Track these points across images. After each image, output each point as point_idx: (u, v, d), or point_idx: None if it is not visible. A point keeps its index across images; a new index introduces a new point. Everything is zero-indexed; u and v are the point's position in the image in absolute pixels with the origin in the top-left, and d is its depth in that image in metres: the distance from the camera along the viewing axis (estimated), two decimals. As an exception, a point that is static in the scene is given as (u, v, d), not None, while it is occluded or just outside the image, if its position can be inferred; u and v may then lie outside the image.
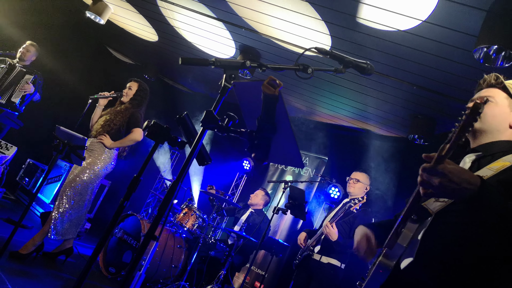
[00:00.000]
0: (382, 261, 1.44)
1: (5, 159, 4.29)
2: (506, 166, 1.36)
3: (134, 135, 3.92)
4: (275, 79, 1.32)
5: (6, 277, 2.98)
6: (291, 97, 6.06)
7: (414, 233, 1.43)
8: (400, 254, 1.43)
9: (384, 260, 1.44)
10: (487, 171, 1.38)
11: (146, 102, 4.15)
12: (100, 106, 4.04)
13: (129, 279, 1.39)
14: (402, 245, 1.42)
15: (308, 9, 3.61)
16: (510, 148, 1.48)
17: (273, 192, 6.79)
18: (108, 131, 3.83)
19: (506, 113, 1.53)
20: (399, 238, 1.44)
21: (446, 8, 2.85)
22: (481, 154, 1.51)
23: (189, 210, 4.71)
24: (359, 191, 3.85)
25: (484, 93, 1.58)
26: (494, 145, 1.50)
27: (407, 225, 1.47)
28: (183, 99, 8.40)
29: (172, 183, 1.33)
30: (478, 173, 1.37)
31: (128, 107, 4.00)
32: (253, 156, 1.47)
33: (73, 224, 3.73)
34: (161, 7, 4.89)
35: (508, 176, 1.32)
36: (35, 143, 6.86)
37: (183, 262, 4.53)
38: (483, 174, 1.35)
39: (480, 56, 2.81)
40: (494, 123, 1.51)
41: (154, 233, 1.36)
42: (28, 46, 5.21)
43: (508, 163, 1.37)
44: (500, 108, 1.53)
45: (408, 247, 1.42)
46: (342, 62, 1.52)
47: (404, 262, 1.41)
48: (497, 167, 1.38)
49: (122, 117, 3.91)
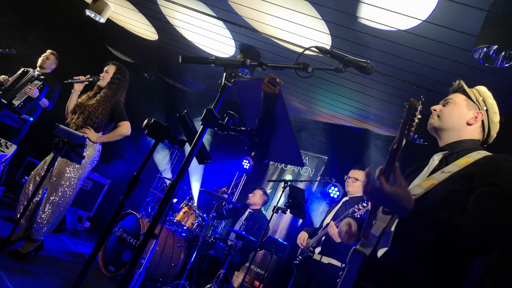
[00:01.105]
0: (357, 248, 1.61)
1: (5, 158, 4.29)
2: (470, 162, 1.54)
3: (122, 129, 3.74)
4: (275, 77, 1.32)
5: (5, 275, 2.98)
6: (291, 96, 6.06)
7: (387, 224, 1.57)
8: (374, 243, 1.57)
9: (359, 248, 1.61)
10: (453, 167, 1.56)
11: (125, 87, 3.92)
12: (76, 92, 3.81)
13: (129, 278, 1.39)
14: (376, 235, 1.57)
15: (308, 8, 3.61)
16: (474, 146, 1.67)
17: (273, 191, 6.80)
18: (90, 125, 3.63)
19: (464, 112, 1.73)
20: (372, 229, 1.60)
21: (446, 8, 2.85)
22: (448, 153, 1.69)
23: (188, 209, 4.71)
24: (358, 189, 3.83)
25: (447, 98, 1.80)
26: (459, 144, 1.70)
27: (381, 216, 1.62)
28: (183, 98, 8.40)
29: (171, 181, 1.33)
30: (446, 169, 1.57)
31: (108, 95, 3.75)
32: (253, 154, 1.47)
33: (57, 221, 3.60)
34: (161, 5, 4.89)
35: (468, 171, 1.51)
36: (35, 141, 6.86)
37: (183, 261, 4.53)
38: (450, 170, 1.55)
39: (480, 56, 2.81)
40: (451, 121, 1.71)
41: (153, 232, 1.36)
42: (48, 54, 5.25)
43: (472, 159, 1.56)
44: (458, 107, 1.74)
45: (382, 237, 1.56)
46: (342, 61, 1.53)
47: (380, 251, 1.53)
48: (462, 163, 1.56)
49: (103, 109, 3.69)
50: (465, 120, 1.73)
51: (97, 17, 5.33)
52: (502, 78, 3.37)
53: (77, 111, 3.72)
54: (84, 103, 3.74)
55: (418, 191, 1.55)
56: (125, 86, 3.93)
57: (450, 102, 1.77)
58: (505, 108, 3.86)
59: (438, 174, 1.58)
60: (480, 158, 1.55)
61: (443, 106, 1.78)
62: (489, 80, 3.46)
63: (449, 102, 1.77)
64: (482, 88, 1.80)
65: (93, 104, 3.70)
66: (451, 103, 1.76)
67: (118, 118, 3.77)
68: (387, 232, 1.55)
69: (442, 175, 1.56)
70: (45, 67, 5.22)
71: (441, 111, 1.76)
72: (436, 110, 1.79)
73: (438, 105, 1.81)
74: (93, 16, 5.34)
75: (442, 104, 1.80)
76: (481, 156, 1.57)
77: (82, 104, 3.74)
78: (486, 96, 1.77)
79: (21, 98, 4.73)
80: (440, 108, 1.78)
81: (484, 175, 1.46)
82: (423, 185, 1.57)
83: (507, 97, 3.63)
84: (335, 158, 6.32)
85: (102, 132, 3.75)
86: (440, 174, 1.58)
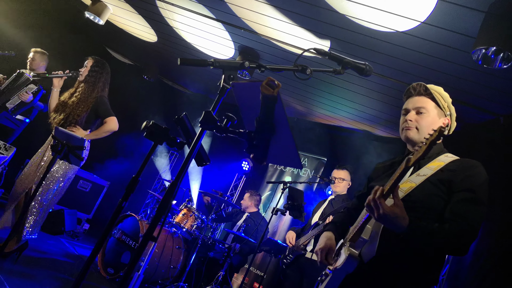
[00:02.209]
0: (351, 254, 1.67)
1: (4, 160, 4.28)
2: (442, 165, 1.71)
3: (109, 125, 3.65)
4: (274, 79, 1.32)
5: (4, 277, 2.97)
6: (290, 98, 6.06)
7: (373, 226, 1.67)
8: (361, 247, 1.67)
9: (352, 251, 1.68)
10: (427, 170, 1.72)
11: (105, 81, 3.81)
12: (56, 88, 3.72)
13: (127, 280, 1.39)
14: (365, 239, 1.66)
15: (306, 10, 3.61)
16: (440, 150, 1.84)
17: (272, 193, 6.79)
18: (72, 123, 3.56)
19: (436, 120, 1.81)
20: (362, 233, 1.69)
21: (445, 9, 2.86)
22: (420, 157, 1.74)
23: (188, 210, 4.71)
24: (344, 188, 4.04)
25: (417, 103, 1.84)
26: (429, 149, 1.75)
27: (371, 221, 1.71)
28: (182, 100, 8.40)
29: (170, 183, 1.33)
30: (421, 172, 1.73)
31: (86, 90, 3.67)
32: (252, 156, 1.47)
33: (42, 220, 3.52)
34: (160, 7, 4.89)
35: (445, 176, 1.67)
36: (34, 143, 6.85)
37: (182, 263, 4.52)
38: (425, 173, 1.71)
39: (478, 57, 2.81)
40: (427, 130, 1.75)
41: (152, 234, 1.36)
42: (32, 55, 5.09)
43: (442, 163, 1.73)
44: (431, 118, 1.81)
45: (369, 239, 1.65)
46: (340, 63, 1.53)
47: (367, 256, 1.63)
48: (434, 167, 1.72)
49: (84, 106, 3.60)
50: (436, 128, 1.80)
51: (96, 19, 5.33)
52: (500, 80, 3.37)
53: (59, 109, 3.63)
54: (66, 101, 3.66)
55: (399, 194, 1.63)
56: (106, 80, 3.81)
57: (423, 112, 1.81)
58: (504, 109, 3.86)
59: (415, 177, 1.72)
60: (451, 162, 1.72)
61: (417, 115, 1.82)
62: (487, 81, 3.47)
63: (422, 113, 1.81)
64: (443, 91, 1.86)
65: (73, 101, 3.61)
66: (425, 113, 1.81)
67: (104, 114, 3.68)
68: (372, 234, 1.66)
69: (419, 178, 1.70)
70: (35, 68, 5.07)
71: (419, 123, 1.80)
72: (412, 121, 1.82)
73: (412, 114, 1.83)
74: (92, 18, 5.34)
75: (416, 112, 1.83)
76: (450, 160, 1.74)
77: (64, 102, 3.66)
78: (449, 101, 1.86)
79: (14, 102, 4.68)
80: (416, 119, 1.82)
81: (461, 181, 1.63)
82: (402, 188, 1.70)
83: (506, 99, 3.64)
84: (334, 159, 6.32)
85: (89, 130, 3.69)
86: (416, 177, 1.72)
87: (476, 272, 3.62)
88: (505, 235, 3.51)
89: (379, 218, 1.51)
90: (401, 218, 1.50)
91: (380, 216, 1.49)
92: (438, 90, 1.85)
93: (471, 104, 3.97)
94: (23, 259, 3.56)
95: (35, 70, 5.07)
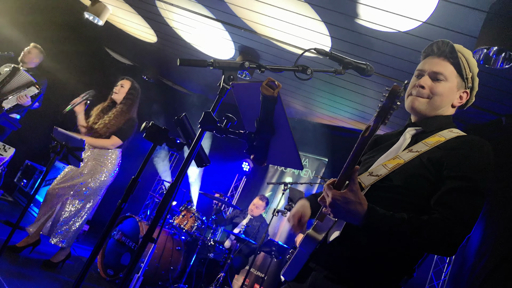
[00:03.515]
0: (310, 233, 1.47)
1: (3, 161, 4.26)
2: (441, 141, 1.39)
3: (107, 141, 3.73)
4: (274, 80, 1.30)
5: (3, 279, 2.95)
6: (290, 99, 6.05)
7: None
8: (329, 227, 1.45)
9: (312, 232, 1.47)
10: (423, 146, 1.41)
11: (137, 102, 4.00)
12: (80, 114, 3.79)
13: (127, 282, 1.37)
14: (332, 219, 1.45)
15: (307, 10, 3.60)
16: (447, 124, 1.50)
17: (273, 193, 6.78)
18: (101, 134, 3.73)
19: (453, 92, 1.50)
20: None
21: (446, 9, 2.85)
22: (421, 129, 1.51)
23: (187, 212, 4.69)
24: None
25: (436, 67, 1.49)
26: (434, 120, 1.51)
27: None
28: (182, 101, 8.38)
29: (170, 184, 1.32)
30: (414, 148, 1.42)
31: (124, 110, 3.83)
32: (252, 157, 1.45)
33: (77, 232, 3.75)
34: (159, 8, 4.88)
35: (436, 155, 1.36)
36: (33, 144, 6.84)
37: (182, 264, 4.51)
38: (418, 149, 1.40)
39: (480, 57, 2.80)
40: (440, 102, 1.49)
41: (152, 235, 1.35)
42: (30, 48, 5.02)
43: (443, 138, 1.41)
44: (449, 88, 1.49)
45: (337, 221, 1.44)
46: (341, 63, 1.51)
47: (332, 236, 1.41)
48: (432, 142, 1.40)
49: (116, 121, 3.75)
50: (451, 101, 1.52)
51: (95, 19, 5.32)
52: (502, 80, 3.36)
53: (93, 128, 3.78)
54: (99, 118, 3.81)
55: (382, 172, 1.41)
56: (137, 102, 4.00)
57: (441, 79, 1.48)
58: (505, 109, 3.85)
59: (405, 153, 1.42)
60: (452, 138, 1.40)
61: (433, 82, 1.49)
62: (489, 81, 3.45)
63: (440, 80, 1.48)
64: (472, 57, 1.52)
65: (109, 117, 3.77)
66: (442, 81, 1.48)
67: (120, 133, 3.76)
68: None
69: (409, 155, 1.41)
70: (27, 62, 4.95)
71: (432, 91, 1.48)
72: (425, 88, 1.49)
73: (427, 79, 1.50)
74: (92, 18, 5.33)
75: (431, 78, 1.49)
76: (453, 135, 1.42)
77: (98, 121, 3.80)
78: (475, 72, 1.52)
79: (12, 102, 4.62)
80: (430, 86, 1.49)
81: (455, 164, 1.32)
82: (388, 165, 1.42)
83: (508, 99, 3.63)
84: (335, 160, 6.31)
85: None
86: (407, 153, 1.42)
87: (478, 273, 3.60)
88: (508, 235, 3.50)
89: (330, 206, 1.27)
90: (356, 203, 1.24)
91: (330, 204, 1.27)
92: (466, 55, 1.50)
93: (472, 105, 3.95)
94: (22, 260, 3.55)
95: (26, 64, 4.96)
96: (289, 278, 1.52)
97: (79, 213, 3.71)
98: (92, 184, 3.71)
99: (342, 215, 1.29)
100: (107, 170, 3.76)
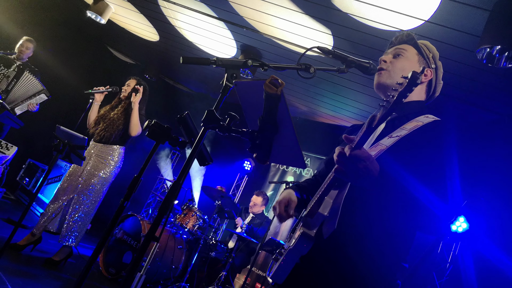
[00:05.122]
0: (304, 232, 1.43)
1: (6, 159, 4.27)
2: (419, 126, 1.44)
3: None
4: (277, 78, 1.30)
5: (5, 277, 2.96)
6: (293, 98, 6.04)
7: (334, 199, 1.43)
8: (321, 222, 1.42)
9: (306, 230, 1.43)
10: (402, 131, 1.44)
11: (144, 101, 4.07)
12: (97, 102, 3.97)
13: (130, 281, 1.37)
14: (324, 214, 1.41)
15: (310, 8, 3.59)
16: (421, 109, 1.56)
17: (274, 193, 6.77)
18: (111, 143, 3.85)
19: (415, 68, 1.55)
20: (320, 207, 1.44)
21: (449, 8, 2.84)
22: (396, 115, 1.54)
23: (189, 210, 4.70)
24: None
25: (397, 48, 1.61)
26: (407, 106, 1.56)
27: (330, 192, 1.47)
28: (184, 99, 8.39)
29: (172, 183, 1.32)
30: (394, 133, 1.45)
31: (129, 108, 3.94)
32: (254, 156, 1.45)
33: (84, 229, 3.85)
34: (162, 6, 4.88)
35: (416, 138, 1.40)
36: (36, 143, 6.85)
37: (184, 263, 4.51)
38: (398, 134, 1.43)
39: (483, 56, 2.79)
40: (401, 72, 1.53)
41: (154, 234, 1.34)
42: (27, 44, 5.01)
43: (420, 123, 1.45)
44: (410, 63, 1.56)
45: (329, 215, 1.40)
46: (344, 61, 1.50)
47: (327, 231, 1.39)
48: (411, 127, 1.44)
49: (123, 120, 3.87)
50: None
51: (98, 18, 5.32)
52: (505, 79, 3.34)
53: (100, 121, 3.89)
54: (106, 114, 3.92)
55: None
56: (145, 99, 4.06)
57: (402, 54, 1.58)
58: (509, 108, 3.83)
59: (386, 140, 1.42)
60: (429, 123, 1.45)
61: (393, 58, 1.59)
62: (492, 80, 3.44)
63: (401, 55, 1.58)
64: (430, 44, 1.65)
65: (115, 114, 3.89)
66: (403, 56, 1.58)
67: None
68: (333, 208, 1.40)
69: (390, 140, 1.41)
70: (23, 57, 4.97)
71: (393, 65, 1.57)
72: (386, 62, 1.58)
73: (388, 55, 1.61)
74: (94, 17, 5.34)
75: (392, 55, 1.60)
76: (430, 120, 1.46)
77: (104, 115, 3.92)
78: (435, 54, 1.63)
79: (23, 109, 4.78)
80: (391, 60, 1.59)
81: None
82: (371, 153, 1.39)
83: (511, 98, 3.61)
84: (337, 159, 6.29)
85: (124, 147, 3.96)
86: (388, 139, 1.43)
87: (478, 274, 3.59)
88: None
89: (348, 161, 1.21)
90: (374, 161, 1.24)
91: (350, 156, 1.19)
92: (424, 42, 1.65)
93: (475, 104, 3.94)
94: (24, 258, 3.56)
95: (22, 60, 4.99)
96: (279, 281, 1.46)
97: (86, 211, 3.79)
98: (96, 181, 3.77)
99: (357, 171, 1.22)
100: (111, 167, 3.82)
